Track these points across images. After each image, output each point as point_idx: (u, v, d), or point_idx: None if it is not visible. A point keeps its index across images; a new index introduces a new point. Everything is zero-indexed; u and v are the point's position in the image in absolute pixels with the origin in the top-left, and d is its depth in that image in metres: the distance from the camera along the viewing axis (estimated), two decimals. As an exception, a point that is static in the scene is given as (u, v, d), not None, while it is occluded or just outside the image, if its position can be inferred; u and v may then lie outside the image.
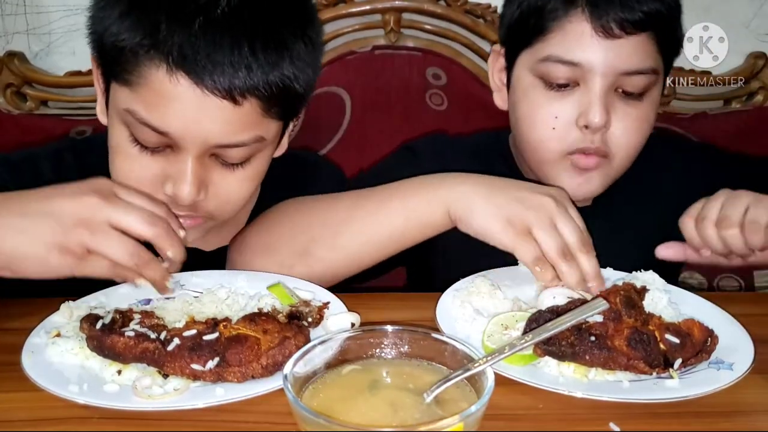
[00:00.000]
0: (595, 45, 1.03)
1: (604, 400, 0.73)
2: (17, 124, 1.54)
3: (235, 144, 0.93)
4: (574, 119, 1.06)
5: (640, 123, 1.08)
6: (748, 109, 1.69)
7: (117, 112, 0.94)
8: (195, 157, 0.93)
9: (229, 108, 0.90)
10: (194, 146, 0.92)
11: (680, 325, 0.81)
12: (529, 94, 1.10)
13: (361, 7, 1.61)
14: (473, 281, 0.96)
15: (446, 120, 1.60)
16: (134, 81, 0.90)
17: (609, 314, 0.79)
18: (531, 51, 1.09)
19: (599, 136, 1.06)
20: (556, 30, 1.05)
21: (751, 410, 0.76)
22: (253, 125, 0.94)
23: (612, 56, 1.03)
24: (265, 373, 0.74)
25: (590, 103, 1.04)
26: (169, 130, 0.90)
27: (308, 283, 0.95)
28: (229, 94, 0.89)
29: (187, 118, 0.90)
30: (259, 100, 0.92)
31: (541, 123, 1.09)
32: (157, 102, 0.90)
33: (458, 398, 0.62)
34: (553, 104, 1.07)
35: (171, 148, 0.93)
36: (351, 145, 1.58)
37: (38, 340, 0.80)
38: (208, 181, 0.96)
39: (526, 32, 1.09)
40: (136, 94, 0.91)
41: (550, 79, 1.07)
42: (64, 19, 1.60)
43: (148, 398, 0.71)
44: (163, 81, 0.88)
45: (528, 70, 1.10)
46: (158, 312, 0.86)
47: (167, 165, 0.94)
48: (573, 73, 1.05)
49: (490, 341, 0.81)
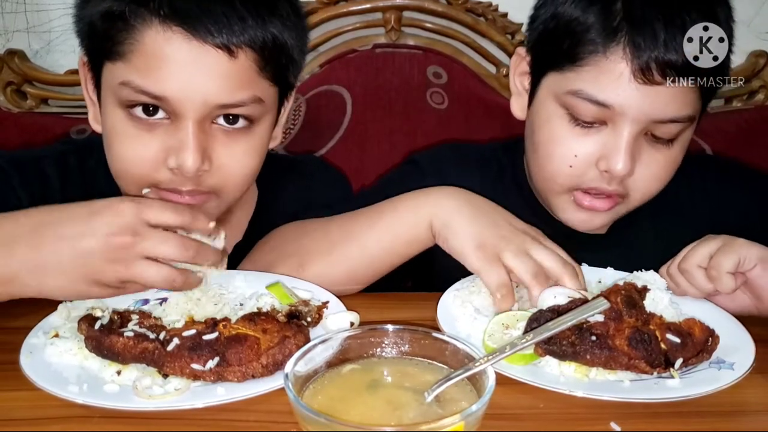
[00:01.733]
0: (632, 89, 0.94)
1: (604, 400, 0.73)
2: (17, 123, 1.54)
3: (234, 103, 0.92)
4: (595, 160, 0.99)
5: (666, 169, 1.02)
6: (749, 108, 1.69)
7: (111, 92, 0.93)
8: (195, 123, 0.91)
9: (225, 61, 0.89)
10: (193, 109, 0.90)
11: (681, 325, 0.81)
12: (551, 122, 1.02)
13: (361, 6, 1.61)
14: (473, 281, 0.96)
15: (447, 118, 1.60)
16: (127, 50, 0.89)
17: (610, 314, 0.79)
18: (560, 77, 1.00)
19: (618, 181, 0.99)
20: (591, 64, 0.96)
21: (751, 410, 0.76)
22: (249, 83, 0.93)
23: (648, 103, 0.95)
24: (265, 372, 0.74)
25: (615, 149, 0.96)
26: (167, 93, 0.89)
27: (307, 282, 0.95)
28: (225, 45, 0.88)
29: (184, 77, 0.89)
30: (254, 53, 0.91)
31: (558, 158, 1.02)
32: (151, 65, 0.89)
33: (459, 397, 0.62)
34: (574, 141, 1.00)
35: (169, 119, 0.92)
36: (352, 143, 1.58)
37: (36, 341, 0.80)
38: (210, 151, 0.94)
39: (558, 53, 1.00)
40: (129, 63, 0.90)
41: (576, 114, 0.99)
42: (64, 17, 1.59)
43: (148, 398, 0.71)
44: (156, 39, 0.88)
45: (553, 97, 1.02)
46: (156, 312, 0.86)
47: (167, 138, 0.92)
48: (602, 114, 0.97)
49: (491, 341, 0.81)
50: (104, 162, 1.02)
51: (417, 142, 1.57)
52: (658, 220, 1.14)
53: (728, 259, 0.88)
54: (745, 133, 1.64)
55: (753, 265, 0.88)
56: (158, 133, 0.93)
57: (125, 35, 0.89)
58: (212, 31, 0.88)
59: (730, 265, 0.88)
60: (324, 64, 1.61)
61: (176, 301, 0.89)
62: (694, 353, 0.78)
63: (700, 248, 0.91)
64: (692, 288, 0.92)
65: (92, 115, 1.03)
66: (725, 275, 0.88)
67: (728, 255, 0.88)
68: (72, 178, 1.09)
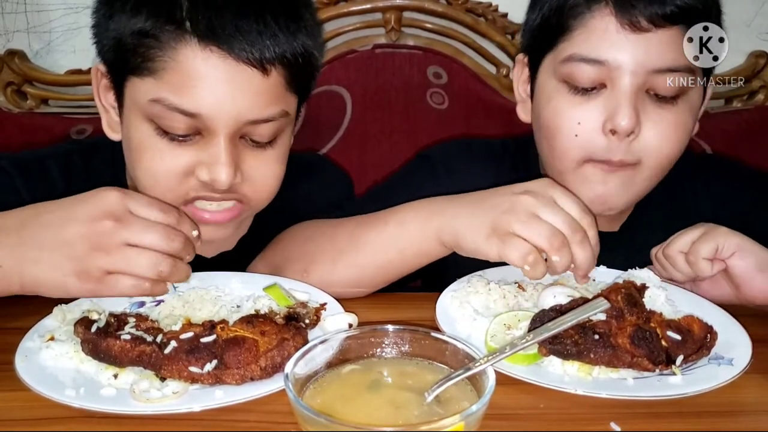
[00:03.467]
0: (622, 40, 0.95)
1: (605, 399, 0.73)
2: (18, 123, 1.54)
3: (265, 119, 0.93)
4: (600, 125, 0.98)
5: (675, 129, 1.00)
6: (749, 108, 1.69)
7: (139, 108, 0.93)
8: (227, 138, 0.91)
9: (258, 79, 0.91)
10: (226, 126, 0.91)
11: (680, 322, 0.82)
12: (552, 99, 1.03)
13: (361, 6, 1.61)
14: (469, 281, 0.96)
15: (447, 119, 1.60)
16: (159, 67, 0.89)
17: (611, 312, 0.79)
18: (554, 53, 1.02)
19: (626, 144, 0.98)
20: (579, 28, 0.98)
21: (751, 410, 0.76)
22: (279, 98, 0.94)
23: (641, 52, 0.95)
24: (263, 374, 0.74)
25: (618, 105, 0.96)
26: (201, 110, 0.89)
27: (304, 284, 0.95)
28: (259, 62, 0.90)
29: (219, 95, 0.89)
30: (284, 69, 0.93)
31: (564, 130, 1.01)
32: (186, 83, 0.89)
33: (459, 397, 0.62)
34: (576, 109, 1.00)
35: (200, 134, 0.92)
36: (352, 143, 1.58)
37: (32, 344, 0.80)
38: (241, 164, 0.95)
39: (548, 34, 1.03)
40: (161, 81, 0.90)
41: (574, 82, 0.99)
42: (64, 18, 1.59)
43: (146, 402, 0.70)
44: (193, 58, 0.88)
45: (551, 74, 1.03)
46: (153, 315, 0.86)
47: (199, 152, 0.93)
48: (599, 74, 0.97)
49: (493, 341, 0.81)
50: (110, 162, 1.03)
51: (417, 142, 1.57)
52: (668, 219, 1.15)
53: (706, 246, 0.91)
54: (745, 133, 1.64)
55: (731, 253, 0.91)
56: (189, 148, 0.93)
57: (157, 53, 0.89)
58: (247, 50, 0.88)
59: (707, 252, 0.91)
60: (324, 65, 1.61)
61: (173, 303, 0.89)
62: (694, 350, 0.79)
63: (684, 235, 0.95)
64: (675, 272, 0.96)
65: (106, 122, 1.03)
66: (701, 261, 0.92)
67: (706, 242, 0.92)
68: (77, 178, 1.08)
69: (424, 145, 1.54)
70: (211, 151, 0.92)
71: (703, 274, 0.93)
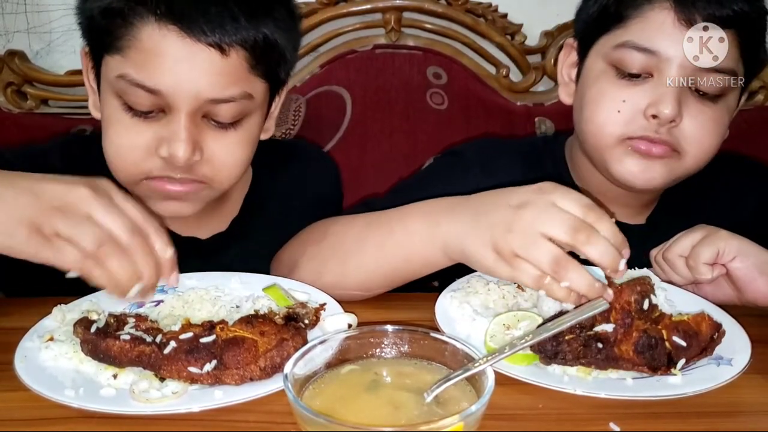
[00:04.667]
0: (676, 34, 0.99)
1: (604, 399, 0.73)
2: (18, 123, 1.54)
3: (225, 99, 0.95)
4: (643, 108, 1.01)
5: (714, 124, 1.04)
6: (748, 109, 1.69)
7: (109, 83, 0.96)
8: (187, 115, 0.94)
9: (218, 59, 0.93)
10: (186, 103, 0.93)
11: (690, 322, 0.81)
12: (599, 80, 1.07)
13: (361, 6, 1.61)
14: (468, 281, 0.96)
15: (447, 119, 1.60)
16: (124, 45, 0.93)
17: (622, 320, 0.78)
18: (608, 38, 1.06)
19: (666, 129, 1.01)
20: (636, 17, 1.02)
21: (751, 410, 0.76)
22: (240, 80, 0.96)
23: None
24: (263, 375, 0.74)
25: (663, 94, 0.99)
26: (161, 87, 0.92)
27: (303, 284, 0.95)
28: (216, 43, 0.92)
29: (178, 73, 0.92)
30: (246, 52, 0.95)
31: (607, 105, 1.05)
32: (147, 60, 0.92)
33: (458, 398, 0.62)
34: (621, 90, 1.04)
35: (163, 111, 0.95)
36: (351, 144, 1.58)
37: (31, 345, 0.80)
38: (202, 143, 0.97)
39: (605, 20, 1.06)
40: (126, 58, 0.93)
41: (623, 67, 1.03)
42: (64, 18, 1.59)
43: (146, 402, 0.70)
44: (152, 36, 0.91)
45: (602, 57, 1.07)
46: (153, 315, 0.86)
47: (160, 129, 0.95)
48: (648, 62, 1.01)
49: (492, 341, 0.81)
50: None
51: (417, 143, 1.57)
52: (689, 211, 1.16)
53: (706, 250, 0.92)
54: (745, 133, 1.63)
55: (732, 257, 0.92)
56: (152, 124, 0.96)
57: (123, 31, 0.93)
58: (205, 30, 0.91)
59: (708, 257, 0.92)
60: (324, 65, 1.61)
61: (172, 303, 0.89)
62: (697, 352, 0.79)
63: (685, 239, 0.96)
64: (675, 276, 0.97)
65: (92, 102, 1.07)
66: (702, 265, 0.92)
67: (707, 246, 0.92)
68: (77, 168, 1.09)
69: (424, 146, 1.55)
70: (172, 127, 0.94)
71: (702, 279, 0.93)
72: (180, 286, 0.94)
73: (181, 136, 0.94)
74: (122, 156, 0.98)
